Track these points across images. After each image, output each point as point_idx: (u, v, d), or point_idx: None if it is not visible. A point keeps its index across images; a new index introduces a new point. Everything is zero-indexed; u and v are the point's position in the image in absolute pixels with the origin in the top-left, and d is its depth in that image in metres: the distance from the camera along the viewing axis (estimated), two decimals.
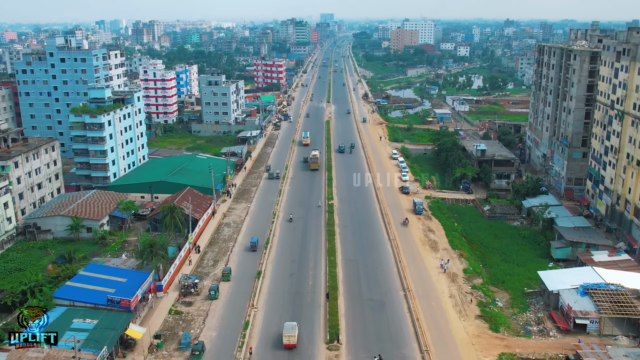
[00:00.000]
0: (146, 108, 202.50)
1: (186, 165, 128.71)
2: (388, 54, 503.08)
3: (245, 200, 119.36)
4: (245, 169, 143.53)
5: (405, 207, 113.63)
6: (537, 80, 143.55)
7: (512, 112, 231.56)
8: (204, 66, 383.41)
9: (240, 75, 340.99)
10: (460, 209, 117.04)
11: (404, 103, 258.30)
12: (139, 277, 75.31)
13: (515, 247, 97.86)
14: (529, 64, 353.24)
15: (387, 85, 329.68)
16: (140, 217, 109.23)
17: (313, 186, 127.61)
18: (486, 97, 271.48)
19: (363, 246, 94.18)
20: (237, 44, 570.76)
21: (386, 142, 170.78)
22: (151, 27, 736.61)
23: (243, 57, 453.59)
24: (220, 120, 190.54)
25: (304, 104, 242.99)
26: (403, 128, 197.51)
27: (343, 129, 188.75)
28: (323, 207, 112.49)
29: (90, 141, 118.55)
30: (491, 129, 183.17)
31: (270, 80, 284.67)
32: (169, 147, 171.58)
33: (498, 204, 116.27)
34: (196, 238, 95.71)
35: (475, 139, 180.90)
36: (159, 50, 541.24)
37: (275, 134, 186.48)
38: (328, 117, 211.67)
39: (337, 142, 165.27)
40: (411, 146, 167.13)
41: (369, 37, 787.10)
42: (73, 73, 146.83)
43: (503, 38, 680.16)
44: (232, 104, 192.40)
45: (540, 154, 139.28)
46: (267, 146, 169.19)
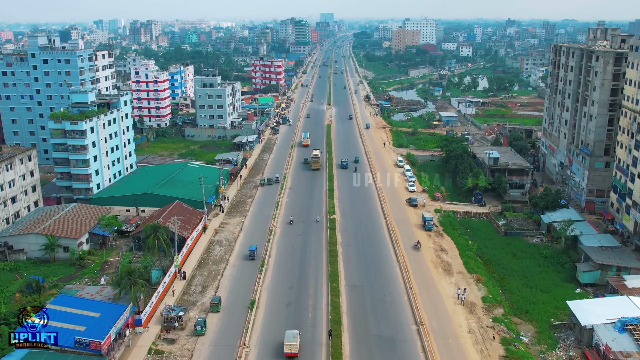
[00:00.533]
0: (138, 111, 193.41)
1: (176, 175, 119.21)
2: (389, 54, 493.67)
3: (240, 213, 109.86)
4: (240, 177, 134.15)
5: (414, 222, 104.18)
6: (553, 83, 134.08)
7: (521, 115, 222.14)
8: (201, 67, 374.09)
9: (238, 76, 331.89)
10: (473, 224, 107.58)
11: (407, 105, 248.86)
12: (114, 310, 65.87)
13: (537, 269, 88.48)
14: (534, 64, 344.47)
15: (389, 86, 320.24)
16: (125, 233, 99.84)
17: (313, 198, 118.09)
18: (492, 99, 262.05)
19: (368, 269, 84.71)
20: (236, 43, 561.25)
21: (390, 148, 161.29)
22: (149, 26, 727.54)
23: (241, 57, 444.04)
24: (216, 124, 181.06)
25: (304, 106, 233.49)
26: (407, 132, 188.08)
27: (345, 135, 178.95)
28: (324, 223, 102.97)
29: (71, 150, 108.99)
30: (501, 134, 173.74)
31: (268, 82, 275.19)
32: (161, 153, 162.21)
33: (514, 219, 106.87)
34: (183, 260, 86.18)
35: (484, 144, 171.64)
36: (156, 50, 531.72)
37: (273, 138, 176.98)
38: (329, 120, 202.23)
39: (338, 154, 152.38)
40: (417, 152, 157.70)
41: (370, 37, 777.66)
42: (56, 75, 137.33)
43: (505, 38, 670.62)
44: (228, 107, 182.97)
45: (556, 162, 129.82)
46: (265, 152, 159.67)
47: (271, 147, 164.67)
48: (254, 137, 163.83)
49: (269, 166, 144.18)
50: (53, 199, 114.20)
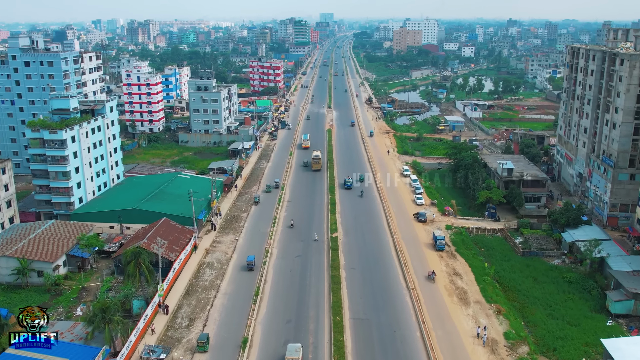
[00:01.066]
0: (130, 116, 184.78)
1: (165, 187, 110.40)
2: (390, 55, 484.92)
3: (234, 230, 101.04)
4: (236, 187, 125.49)
5: (424, 241, 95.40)
6: (570, 88, 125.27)
7: (529, 119, 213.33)
8: (198, 67, 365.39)
9: (236, 77, 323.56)
10: (488, 242, 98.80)
11: (410, 109, 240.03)
12: (85, 355, 57.11)
13: (561, 296, 79.72)
14: (540, 65, 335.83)
15: (391, 88, 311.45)
16: (107, 254, 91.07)
17: (314, 212, 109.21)
18: (498, 102, 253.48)
19: (375, 298, 75.92)
20: (234, 44, 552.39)
21: (395, 156, 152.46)
22: (146, 26, 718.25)
23: (240, 57, 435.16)
24: (211, 129, 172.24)
25: (303, 110, 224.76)
26: (412, 138, 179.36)
27: (347, 141, 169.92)
28: (325, 242, 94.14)
29: (50, 161, 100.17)
30: (511, 140, 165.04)
31: (267, 84, 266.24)
32: (152, 161, 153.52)
33: (532, 237, 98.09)
34: (168, 288, 77.37)
35: (493, 150, 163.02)
36: (153, 51, 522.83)
37: (271, 144, 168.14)
38: (329, 125, 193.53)
39: (341, 163, 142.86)
40: (423, 160, 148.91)
41: (370, 37, 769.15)
42: (39, 79, 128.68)
43: (507, 38, 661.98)
44: (224, 111, 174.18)
45: (574, 172, 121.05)
46: (262, 160, 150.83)
47: (269, 155, 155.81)
48: (250, 144, 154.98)
49: (266, 175, 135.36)
50: (32, 213, 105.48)
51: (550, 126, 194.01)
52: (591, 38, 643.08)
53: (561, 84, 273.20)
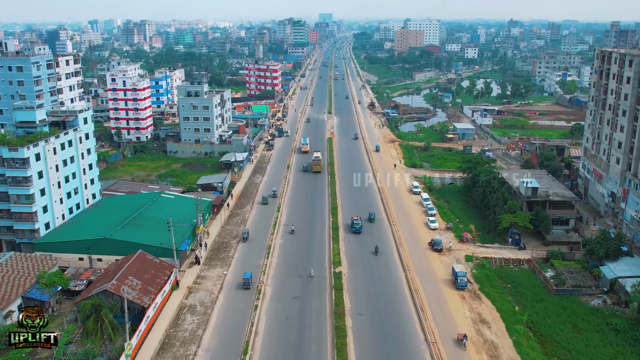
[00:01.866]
0: (115, 123, 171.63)
1: (145, 210, 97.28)
2: (392, 56, 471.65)
3: (222, 262, 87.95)
4: (227, 206, 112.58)
5: (441, 276, 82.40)
6: (599, 96, 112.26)
7: (542, 126, 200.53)
8: (193, 69, 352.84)
9: (232, 79, 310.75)
10: (514, 276, 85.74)
11: (415, 114, 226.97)
12: None
13: (609, 350, 66.83)
14: (547, 67, 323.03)
15: (394, 91, 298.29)
16: (73, 293, 78.01)
17: (313, 241, 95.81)
18: (507, 107, 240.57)
19: (388, 355, 62.80)
20: (232, 45, 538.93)
21: (402, 169, 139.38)
22: (142, 26, 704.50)
23: (237, 59, 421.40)
24: (202, 138, 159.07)
25: (302, 115, 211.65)
26: (419, 147, 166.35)
27: (350, 156, 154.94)
28: (327, 278, 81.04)
29: (11, 182, 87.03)
30: (526, 150, 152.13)
31: (264, 87, 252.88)
32: (137, 174, 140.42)
33: (566, 270, 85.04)
34: (137, 346, 64.14)
35: (508, 162, 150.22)
36: (148, 52, 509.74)
37: (267, 155, 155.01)
38: (330, 132, 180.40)
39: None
40: (433, 174, 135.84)
41: (370, 38, 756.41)
42: (7, 85, 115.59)
43: (510, 39, 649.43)
44: (216, 118, 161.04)
45: (604, 191, 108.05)
46: (256, 173, 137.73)
47: (264, 167, 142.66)
48: (244, 156, 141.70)
49: (260, 192, 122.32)
50: None
51: (566, 134, 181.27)
52: (596, 39, 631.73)
53: (573, 88, 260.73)
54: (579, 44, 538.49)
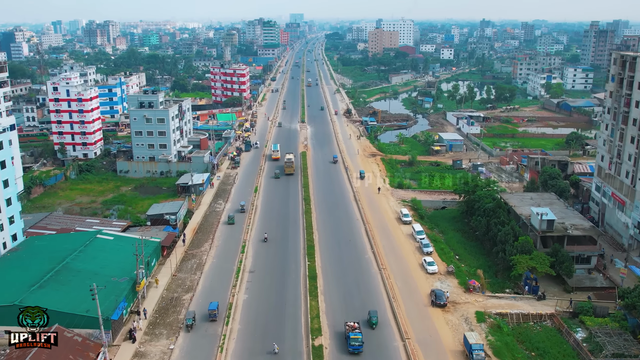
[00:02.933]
0: (59, 138, 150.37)
1: (74, 259, 77.22)
2: (366, 57, 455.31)
3: (168, 328, 68.57)
4: (184, 242, 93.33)
5: (449, 346, 64.56)
6: (619, 108, 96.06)
7: (533, 134, 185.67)
8: (156, 73, 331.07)
9: (198, 84, 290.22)
10: (537, 339, 68.28)
11: (395, 121, 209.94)
12: None
13: None
14: (529, 69, 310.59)
15: (370, 95, 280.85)
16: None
17: (286, 296, 76.64)
18: (491, 112, 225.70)
19: None
20: (199, 46, 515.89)
21: (387, 191, 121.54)
22: (106, 27, 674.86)
23: (204, 61, 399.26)
24: (157, 156, 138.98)
25: (273, 124, 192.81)
26: (403, 162, 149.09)
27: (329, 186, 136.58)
28: (305, 356, 62.39)
29: None
30: (523, 165, 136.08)
31: (230, 93, 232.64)
32: (78, 201, 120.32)
33: (601, 331, 67.97)
34: None
35: (502, 177, 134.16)
36: (111, 54, 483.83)
37: (232, 174, 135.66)
38: (304, 146, 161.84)
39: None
40: (423, 196, 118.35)
41: (342, 38, 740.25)
42: None
43: (484, 39, 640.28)
44: (174, 132, 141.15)
45: (628, 221, 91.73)
46: (218, 198, 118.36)
47: (228, 190, 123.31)
48: (204, 178, 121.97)
49: (222, 223, 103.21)
50: None
51: (561, 143, 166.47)
52: (569, 38, 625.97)
53: (559, 92, 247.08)
54: (554, 44, 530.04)
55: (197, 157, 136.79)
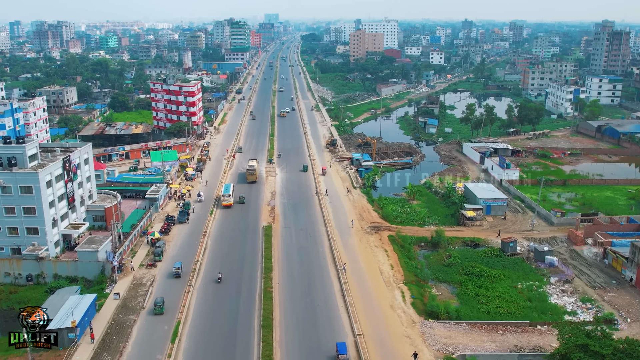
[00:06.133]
0: None
1: None
2: (347, 63, 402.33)
3: None
4: None
5: None
6: None
7: (589, 180, 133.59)
8: (96, 85, 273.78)
9: (143, 101, 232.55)
10: None
11: (395, 155, 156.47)
12: None
13: None
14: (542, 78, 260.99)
15: (358, 114, 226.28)
16: None
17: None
18: (513, 138, 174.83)
19: None
20: (159, 50, 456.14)
21: (411, 324, 68.09)
22: (59, 28, 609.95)
23: (160, 69, 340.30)
24: (24, 246, 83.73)
25: (228, 168, 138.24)
26: (423, 240, 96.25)
27: (300, 263, 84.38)
28: None
29: None
30: (615, 255, 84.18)
31: (176, 117, 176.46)
32: None
33: None
34: None
35: (581, 270, 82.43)
36: (57, 59, 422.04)
37: (147, 280, 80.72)
38: (270, 215, 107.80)
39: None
40: (471, 335, 65.18)
41: (319, 40, 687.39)
42: None
43: (471, 40, 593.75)
44: (52, 208, 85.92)
45: None
46: (105, 351, 63.37)
47: (129, 328, 68.20)
48: (88, 302, 66.66)
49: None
50: None
51: (636, 197, 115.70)
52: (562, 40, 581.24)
53: (596, 111, 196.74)
54: (551, 46, 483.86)
55: (86, 252, 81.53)
